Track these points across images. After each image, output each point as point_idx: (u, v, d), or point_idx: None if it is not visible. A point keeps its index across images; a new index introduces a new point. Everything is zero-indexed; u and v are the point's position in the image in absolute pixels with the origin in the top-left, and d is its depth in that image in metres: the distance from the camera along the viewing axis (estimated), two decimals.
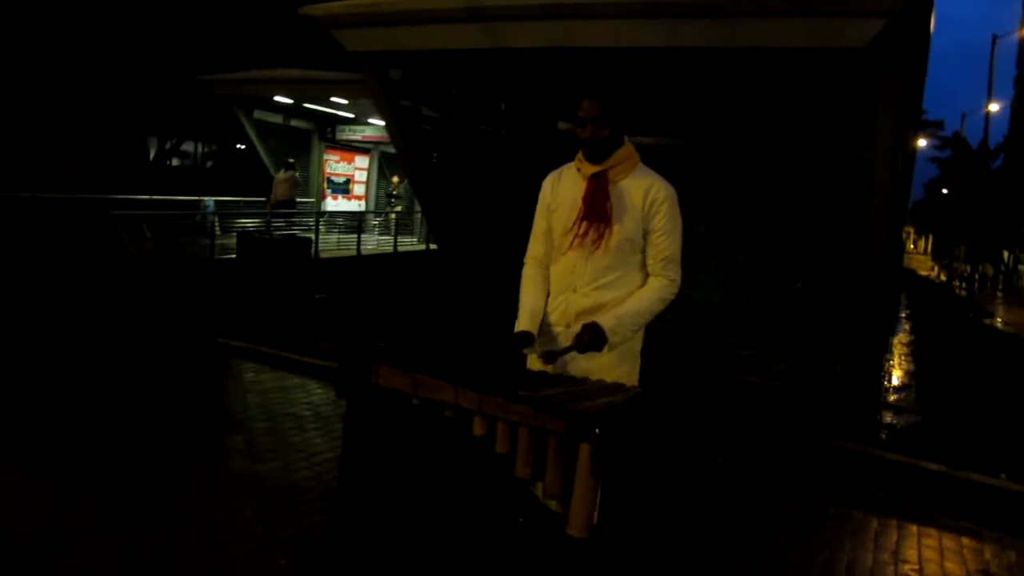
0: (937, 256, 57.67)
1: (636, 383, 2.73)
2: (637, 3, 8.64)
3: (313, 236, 15.48)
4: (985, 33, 47.22)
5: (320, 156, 22.51)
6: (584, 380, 2.58)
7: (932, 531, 4.16)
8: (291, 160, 17.71)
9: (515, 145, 13.14)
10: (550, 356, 2.68)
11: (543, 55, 10.03)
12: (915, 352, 16.44)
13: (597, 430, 2.08)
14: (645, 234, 2.71)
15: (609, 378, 2.62)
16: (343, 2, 10.75)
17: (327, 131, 22.16)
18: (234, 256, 13.28)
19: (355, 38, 11.11)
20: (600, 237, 2.68)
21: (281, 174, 17.02)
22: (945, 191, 45.39)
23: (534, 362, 2.82)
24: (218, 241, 14.51)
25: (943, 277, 47.83)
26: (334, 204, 22.83)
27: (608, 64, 9.46)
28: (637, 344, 2.81)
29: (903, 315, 23.70)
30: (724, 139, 11.15)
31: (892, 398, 11.17)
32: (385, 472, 2.70)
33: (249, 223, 15.92)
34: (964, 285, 34.64)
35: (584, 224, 2.69)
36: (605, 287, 2.70)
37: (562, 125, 13.03)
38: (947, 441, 8.21)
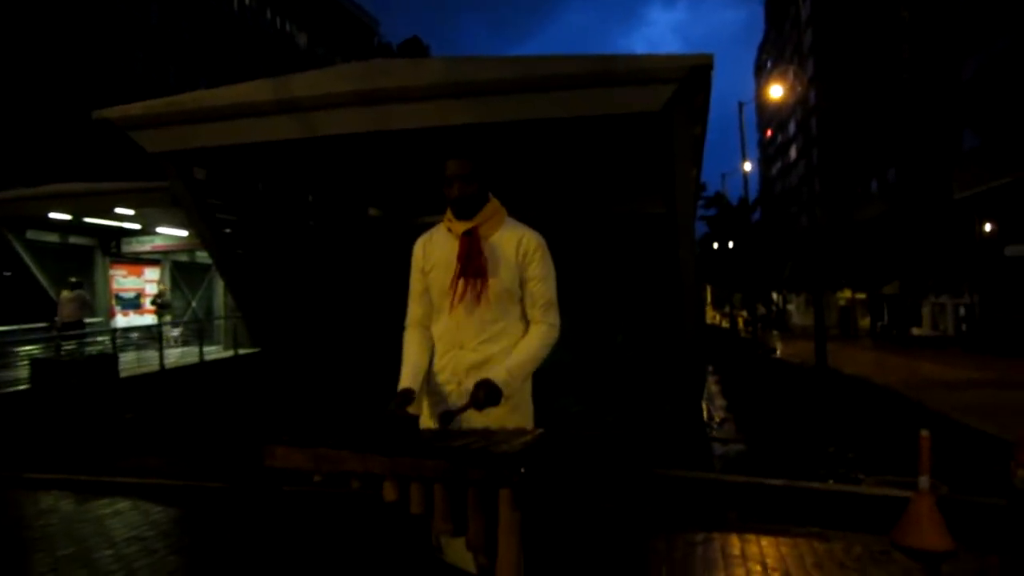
0: (717, 305, 62.77)
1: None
2: (445, 84, 8.89)
3: (111, 354, 14.35)
4: (731, 103, 53.27)
5: (105, 272, 21.10)
6: (487, 429, 2.62)
7: (787, 540, 4.52)
8: (75, 279, 16.40)
9: (326, 235, 13.00)
10: (447, 417, 2.65)
11: (350, 142, 10.09)
12: (724, 390, 17.79)
13: (522, 469, 2.13)
14: (521, 283, 2.82)
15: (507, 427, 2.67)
16: (142, 103, 10.28)
17: (111, 245, 20.85)
18: (21, 388, 12.05)
19: (157, 139, 10.59)
20: (479, 292, 2.76)
21: (66, 294, 15.70)
22: (716, 245, 50.12)
23: (427, 422, 2.82)
24: None
25: (726, 324, 52.18)
26: (125, 320, 21.41)
27: (417, 146, 9.68)
28: (527, 392, 2.89)
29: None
30: (531, 207, 11.65)
31: (716, 432, 11.98)
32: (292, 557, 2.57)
33: (34, 350, 14.46)
34: (749, 328, 38.06)
35: (462, 282, 2.77)
36: (490, 340, 2.78)
37: (373, 212, 13.09)
38: (772, 459, 8.91)
